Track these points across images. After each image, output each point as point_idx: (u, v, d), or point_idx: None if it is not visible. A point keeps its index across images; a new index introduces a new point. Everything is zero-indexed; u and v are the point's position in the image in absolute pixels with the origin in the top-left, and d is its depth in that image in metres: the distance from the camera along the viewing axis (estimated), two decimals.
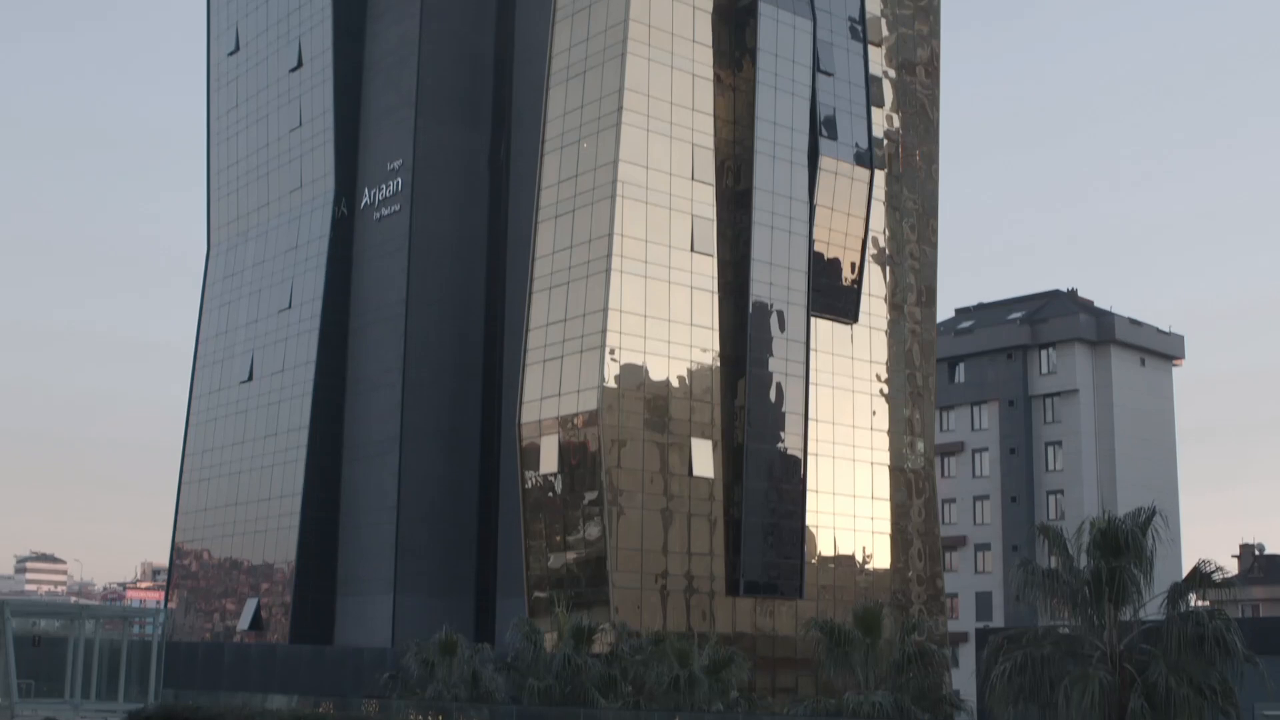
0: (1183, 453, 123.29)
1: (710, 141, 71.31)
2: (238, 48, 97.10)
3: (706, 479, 68.13)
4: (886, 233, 78.92)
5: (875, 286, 77.84)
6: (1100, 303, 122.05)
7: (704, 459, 68.23)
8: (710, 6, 72.42)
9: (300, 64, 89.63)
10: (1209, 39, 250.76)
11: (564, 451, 66.74)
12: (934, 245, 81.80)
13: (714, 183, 71.02)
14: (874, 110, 77.86)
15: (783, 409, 70.76)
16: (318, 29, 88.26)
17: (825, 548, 73.38)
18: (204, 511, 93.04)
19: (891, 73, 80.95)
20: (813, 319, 73.00)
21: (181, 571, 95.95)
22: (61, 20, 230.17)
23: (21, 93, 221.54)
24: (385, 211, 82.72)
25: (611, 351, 65.65)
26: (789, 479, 70.71)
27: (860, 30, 77.35)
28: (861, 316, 76.59)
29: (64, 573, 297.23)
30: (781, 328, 71.28)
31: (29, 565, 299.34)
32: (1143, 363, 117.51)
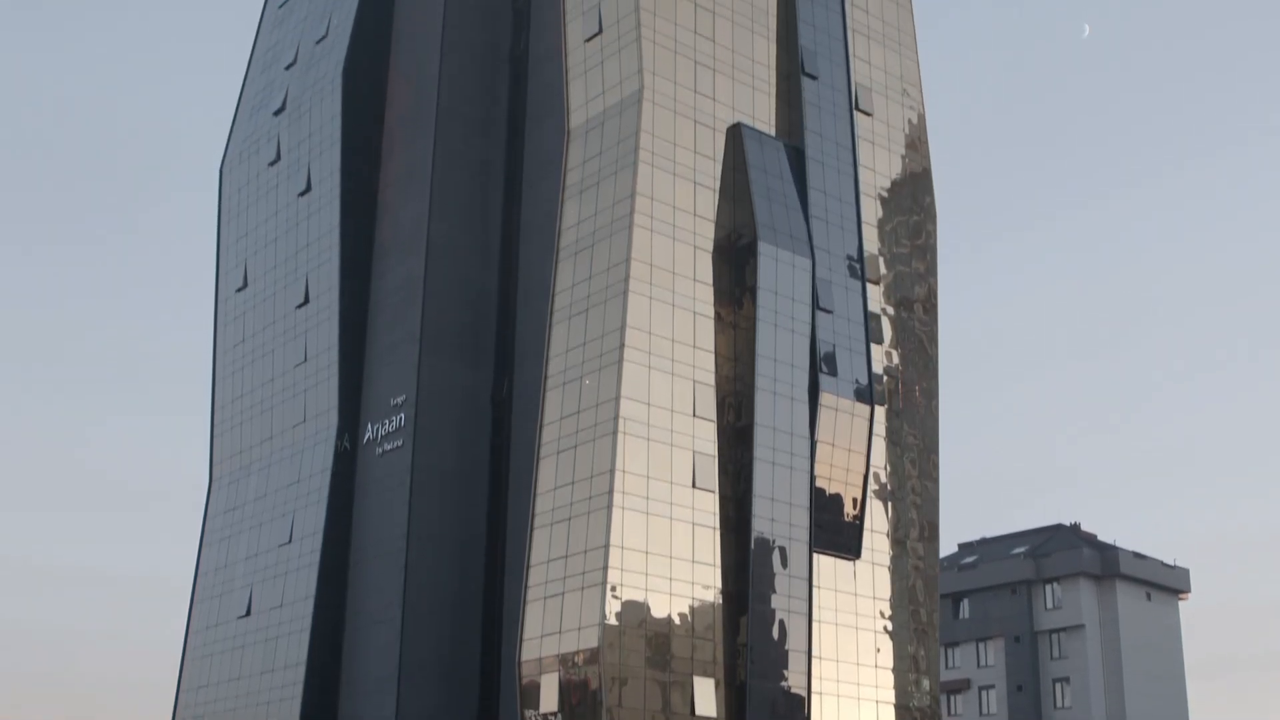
0: (1193, 688, 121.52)
1: (711, 378, 71.95)
2: (246, 284, 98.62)
3: (709, 718, 67.01)
4: (888, 468, 79.04)
5: (877, 522, 77.62)
6: (1104, 536, 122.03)
7: (706, 698, 67.23)
8: (710, 245, 73.76)
9: (307, 300, 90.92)
10: (1197, 266, 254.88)
11: (564, 689, 65.80)
12: (935, 480, 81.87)
13: (715, 419, 71.44)
14: (873, 347, 78.66)
15: (785, 646, 69.95)
16: (325, 266, 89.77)
17: None
18: None
19: (890, 309, 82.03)
20: (815, 555, 72.63)
21: None
22: (64, 238, 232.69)
23: (19, 316, 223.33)
24: (387, 446, 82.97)
25: (613, 588, 65.19)
26: (793, 718, 69.52)
27: (859, 268, 78.59)
28: (864, 552, 76.18)
29: None
30: (784, 564, 70.87)
31: None
32: (1148, 597, 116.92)
